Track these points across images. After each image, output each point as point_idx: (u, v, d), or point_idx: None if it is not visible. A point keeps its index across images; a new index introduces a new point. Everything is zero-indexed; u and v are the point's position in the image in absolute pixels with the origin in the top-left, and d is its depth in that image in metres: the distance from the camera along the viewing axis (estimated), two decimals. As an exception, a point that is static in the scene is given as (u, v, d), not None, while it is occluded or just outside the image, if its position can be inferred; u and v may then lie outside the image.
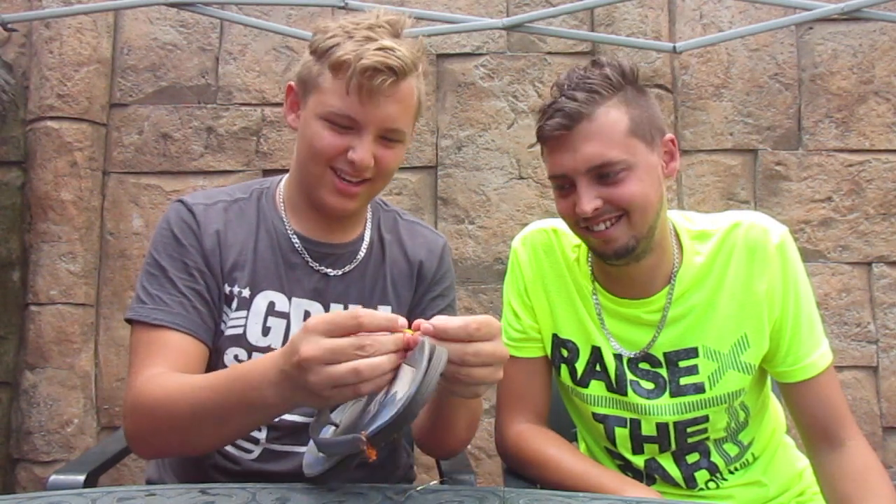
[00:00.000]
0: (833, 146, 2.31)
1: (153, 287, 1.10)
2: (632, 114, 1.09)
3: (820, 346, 1.16)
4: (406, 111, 1.11)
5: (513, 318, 1.28)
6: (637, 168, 1.08)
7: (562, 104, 1.08)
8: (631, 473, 1.24)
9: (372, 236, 1.24)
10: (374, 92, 1.05)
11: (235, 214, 1.18)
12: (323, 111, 1.09)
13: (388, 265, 1.23)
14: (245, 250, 1.15)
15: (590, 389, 1.23)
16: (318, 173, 1.12)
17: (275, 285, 1.15)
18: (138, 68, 2.36)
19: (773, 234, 1.16)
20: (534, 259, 1.26)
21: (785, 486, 1.25)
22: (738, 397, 1.18)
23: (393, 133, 1.10)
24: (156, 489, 0.82)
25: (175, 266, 1.11)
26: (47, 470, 2.13)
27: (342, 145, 1.09)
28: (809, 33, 2.35)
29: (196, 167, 2.33)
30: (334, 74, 1.07)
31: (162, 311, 1.08)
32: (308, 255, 1.18)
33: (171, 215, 1.15)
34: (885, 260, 2.26)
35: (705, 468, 1.21)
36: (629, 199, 1.07)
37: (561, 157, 1.09)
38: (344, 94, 1.06)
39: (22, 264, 2.26)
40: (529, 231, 1.29)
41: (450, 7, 2.36)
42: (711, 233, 1.18)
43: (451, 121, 2.34)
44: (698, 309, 1.16)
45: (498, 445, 1.30)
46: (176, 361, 1.04)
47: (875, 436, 2.21)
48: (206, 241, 1.13)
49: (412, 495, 0.80)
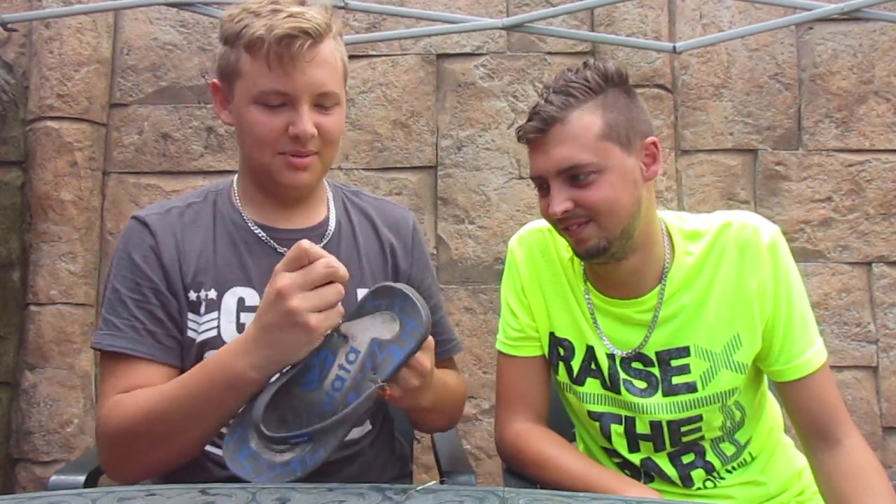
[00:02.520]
0: (833, 146, 2.31)
1: (108, 312, 1.09)
2: (607, 117, 1.10)
3: (814, 344, 1.16)
4: (333, 73, 1.09)
5: (510, 317, 1.28)
6: (608, 171, 1.09)
7: (539, 108, 1.11)
8: (629, 472, 1.24)
9: (338, 216, 1.23)
10: (295, 58, 1.04)
11: (191, 219, 1.16)
12: (252, 95, 1.07)
13: (360, 245, 1.22)
14: (205, 252, 1.13)
15: (586, 387, 1.23)
16: (265, 160, 1.10)
17: (241, 281, 1.13)
18: (138, 68, 2.36)
19: (764, 233, 1.16)
20: (530, 258, 1.27)
21: (784, 486, 1.25)
22: (732, 396, 1.18)
23: (326, 98, 1.09)
24: (156, 489, 0.82)
25: (127, 286, 1.09)
26: (47, 470, 2.13)
27: (281, 123, 1.07)
28: (809, 33, 2.35)
29: (196, 167, 2.33)
30: (252, 55, 1.06)
31: (115, 337, 1.07)
32: (274, 242, 1.16)
33: (127, 236, 1.14)
34: (885, 260, 2.26)
35: (701, 467, 1.21)
36: (597, 203, 1.09)
37: (536, 158, 1.13)
38: (267, 70, 1.05)
39: (22, 264, 2.26)
40: (525, 231, 1.31)
41: (450, 7, 2.36)
42: (703, 232, 1.19)
43: (451, 121, 2.34)
44: (689, 308, 1.17)
45: (498, 445, 1.30)
46: (133, 385, 1.04)
47: (875, 436, 2.21)
48: (165, 254, 1.11)
49: (412, 495, 0.80)
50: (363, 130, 2.33)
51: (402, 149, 2.33)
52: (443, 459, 1.41)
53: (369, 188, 2.26)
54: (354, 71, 2.35)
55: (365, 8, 2.25)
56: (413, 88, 2.35)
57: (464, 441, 2.18)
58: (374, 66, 2.36)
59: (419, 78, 2.35)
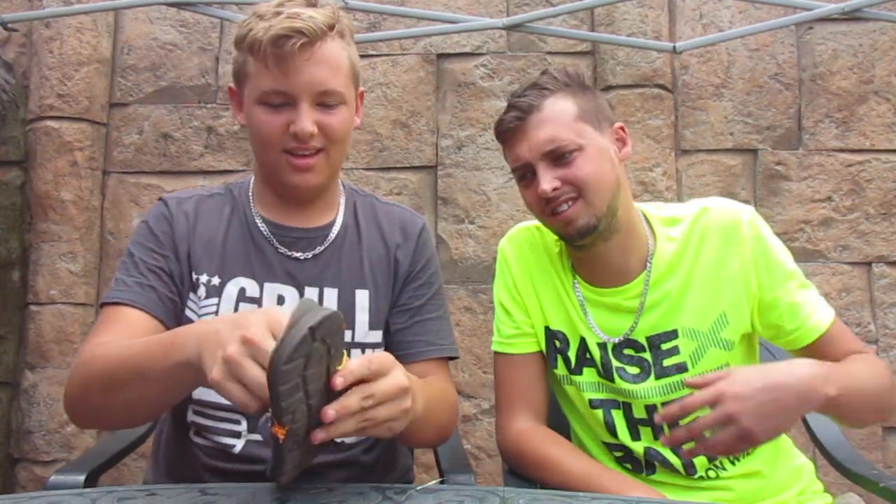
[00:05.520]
0: (833, 146, 2.31)
1: (120, 272, 1.15)
2: (578, 103, 1.19)
3: (818, 305, 1.22)
4: (335, 72, 1.10)
5: (504, 315, 1.31)
6: (588, 149, 1.17)
7: (515, 101, 1.21)
8: (630, 465, 1.25)
9: (346, 220, 1.24)
10: (291, 58, 1.06)
11: (209, 207, 1.21)
12: (256, 95, 1.10)
13: (364, 249, 1.22)
14: (215, 239, 1.18)
15: (584, 377, 1.26)
16: (272, 160, 1.13)
17: (245, 272, 1.16)
18: (138, 68, 2.36)
19: (741, 214, 1.21)
20: (520, 255, 1.32)
21: (785, 483, 1.24)
22: None
23: (328, 96, 1.10)
24: (156, 489, 0.82)
25: (141, 251, 1.16)
26: (47, 470, 2.13)
27: (283, 122, 1.09)
28: (809, 33, 2.35)
29: (196, 167, 2.33)
30: (254, 57, 1.08)
31: (120, 291, 1.12)
32: (276, 240, 1.18)
33: (150, 212, 1.21)
34: (885, 260, 2.26)
35: (703, 453, 1.21)
36: (584, 178, 1.16)
37: (519, 146, 1.19)
38: (266, 71, 1.08)
39: (22, 264, 2.26)
40: (514, 230, 1.37)
41: (450, 7, 2.36)
42: (681, 218, 1.25)
43: (451, 121, 2.34)
44: (674, 292, 1.21)
45: (499, 445, 1.30)
46: (123, 333, 1.05)
47: (875, 436, 2.21)
48: (178, 228, 1.17)
49: (412, 495, 0.80)
50: (363, 130, 2.33)
51: (402, 149, 2.33)
52: (443, 459, 1.41)
53: (369, 188, 2.26)
54: (354, 71, 2.35)
55: (365, 8, 2.25)
56: (413, 88, 2.35)
57: (464, 441, 2.18)
58: (374, 66, 2.36)
59: (419, 78, 2.35)
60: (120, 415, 1.03)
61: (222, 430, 1.14)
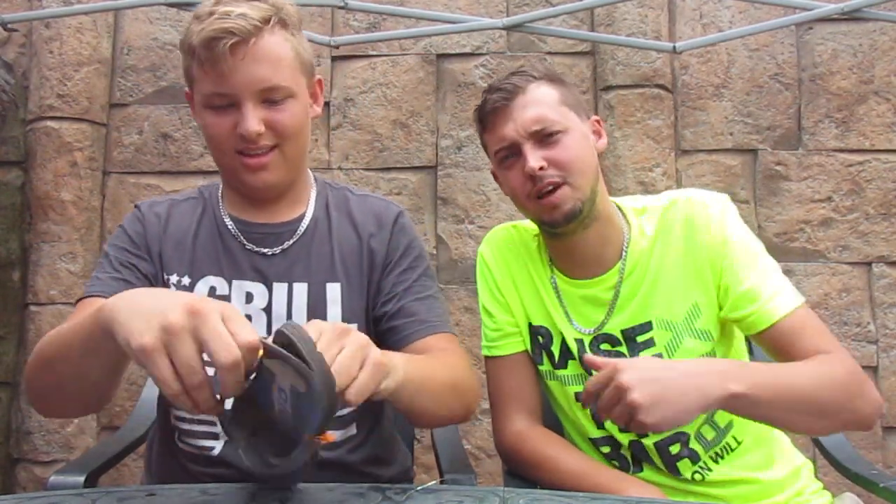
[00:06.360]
0: (833, 146, 2.31)
1: (96, 271, 1.17)
2: (559, 90, 1.23)
3: (780, 294, 1.15)
4: (277, 68, 1.08)
5: (487, 318, 1.32)
6: (572, 132, 1.20)
7: (499, 84, 1.24)
8: (618, 462, 1.25)
9: (316, 213, 1.22)
10: (224, 59, 1.04)
11: (182, 210, 1.23)
12: (201, 99, 1.10)
13: (335, 241, 1.20)
14: (185, 240, 1.19)
15: (568, 370, 1.27)
16: (227, 162, 1.14)
17: (214, 270, 1.17)
18: (138, 68, 2.36)
19: (711, 203, 1.23)
20: (499, 255, 1.34)
21: (783, 483, 1.23)
22: None
23: (272, 92, 1.09)
24: (156, 489, 0.82)
25: (116, 250, 1.18)
26: (47, 470, 2.13)
27: (230, 124, 1.09)
28: (809, 33, 2.35)
29: (196, 167, 2.33)
30: (194, 60, 1.08)
31: (93, 286, 1.13)
32: (244, 237, 1.18)
33: (126, 216, 1.24)
34: (885, 260, 2.26)
35: (687, 457, 1.21)
36: (569, 159, 1.18)
37: (504, 127, 1.20)
38: (204, 74, 1.07)
39: (22, 264, 2.26)
40: (490, 233, 1.39)
41: (450, 7, 2.36)
42: (651, 209, 1.26)
43: (451, 121, 2.34)
44: (648, 283, 1.22)
45: (497, 447, 1.31)
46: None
47: (875, 436, 2.21)
48: (150, 228, 1.19)
49: (412, 495, 0.80)
50: (363, 130, 2.33)
51: (402, 149, 2.33)
52: (443, 459, 1.42)
53: (369, 188, 2.26)
54: (354, 71, 2.35)
55: (365, 8, 2.25)
56: (413, 88, 2.35)
57: (464, 441, 2.18)
58: (374, 66, 2.36)
59: (419, 78, 2.35)
60: (60, 395, 0.96)
61: (200, 433, 1.14)
